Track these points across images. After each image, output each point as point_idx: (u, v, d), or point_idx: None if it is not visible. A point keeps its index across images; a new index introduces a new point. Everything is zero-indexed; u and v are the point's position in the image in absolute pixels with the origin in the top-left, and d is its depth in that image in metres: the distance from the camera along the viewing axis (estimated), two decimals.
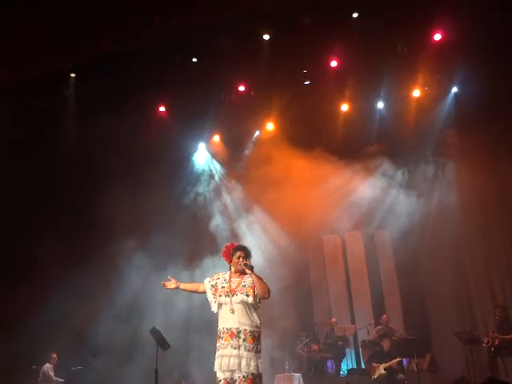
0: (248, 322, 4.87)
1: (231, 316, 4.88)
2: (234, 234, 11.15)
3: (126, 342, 10.02)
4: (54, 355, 9.99)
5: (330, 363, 11.06)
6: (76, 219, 11.00)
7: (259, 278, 4.91)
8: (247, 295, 4.90)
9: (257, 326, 4.91)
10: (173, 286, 5.21)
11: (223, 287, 5.01)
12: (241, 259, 5.02)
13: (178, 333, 9.76)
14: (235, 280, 5.04)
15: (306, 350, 10.82)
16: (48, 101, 10.81)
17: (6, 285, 10.02)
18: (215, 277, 5.17)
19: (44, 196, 10.90)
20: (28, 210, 10.87)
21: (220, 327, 4.95)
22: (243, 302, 4.89)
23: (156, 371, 7.20)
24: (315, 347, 10.97)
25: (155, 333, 7.71)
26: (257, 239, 11.10)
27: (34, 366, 9.94)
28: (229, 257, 5.16)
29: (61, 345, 9.95)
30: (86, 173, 11.04)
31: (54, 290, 9.73)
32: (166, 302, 10.22)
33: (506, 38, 9.01)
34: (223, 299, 4.96)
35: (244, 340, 4.81)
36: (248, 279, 4.99)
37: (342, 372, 10.86)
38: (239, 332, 4.83)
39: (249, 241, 11.02)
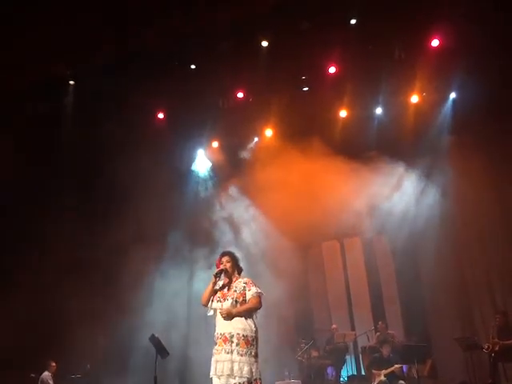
0: (241, 326, 4.90)
1: (224, 321, 4.93)
2: (232, 241, 11.16)
3: (125, 349, 9.99)
4: (53, 363, 9.92)
5: (329, 370, 11.03)
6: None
7: (240, 309, 4.95)
8: (236, 301, 4.98)
9: (251, 331, 4.92)
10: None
11: (216, 292, 5.12)
12: (224, 263, 5.17)
13: (178, 339, 9.76)
14: (228, 285, 5.15)
15: (305, 356, 10.77)
16: (46, 107, 10.81)
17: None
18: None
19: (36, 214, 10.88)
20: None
21: (215, 333, 5.00)
22: (233, 307, 4.95)
23: (155, 378, 7.17)
24: (315, 354, 10.94)
25: (154, 340, 7.67)
26: (256, 245, 11.11)
27: (32, 375, 9.86)
28: (219, 265, 5.27)
29: (60, 352, 9.92)
30: (84, 180, 11.03)
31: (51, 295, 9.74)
32: (168, 307, 10.22)
33: (504, 42, 9.03)
34: (215, 304, 5.07)
35: (237, 344, 4.82)
36: (240, 285, 5.10)
37: (341, 379, 10.83)
38: (232, 336, 4.86)
39: (248, 247, 11.06)
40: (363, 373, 10.92)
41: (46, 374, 9.82)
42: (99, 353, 9.94)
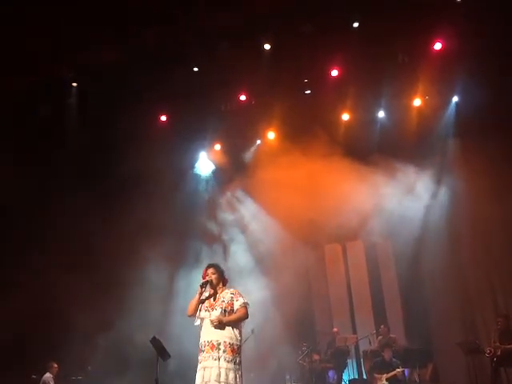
0: (228, 334, 5.07)
1: (211, 329, 5.07)
2: (234, 243, 11.16)
3: (125, 349, 9.96)
4: (55, 365, 9.88)
5: (331, 373, 10.99)
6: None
7: (230, 318, 5.09)
8: (225, 311, 5.13)
9: (236, 340, 5.10)
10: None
11: (203, 302, 5.26)
12: (209, 275, 5.29)
13: (180, 340, 9.72)
14: (214, 296, 5.29)
15: (307, 360, 10.71)
16: (49, 109, 10.83)
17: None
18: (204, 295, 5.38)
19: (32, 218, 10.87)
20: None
21: (201, 340, 5.13)
22: (222, 316, 5.09)
23: (156, 381, 7.15)
24: (316, 357, 10.88)
25: (155, 342, 7.64)
26: (258, 248, 11.10)
27: (33, 376, 9.83)
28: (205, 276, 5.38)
29: (60, 353, 9.89)
30: (85, 180, 11.03)
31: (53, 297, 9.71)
32: (169, 307, 10.18)
33: (504, 42, 9.03)
34: (203, 314, 5.21)
35: (224, 351, 4.98)
36: (227, 295, 5.25)
37: (343, 382, 10.76)
38: (219, 344, 5.01)
39: (250, 250, 11.05)
40: (365, 377, 10.88)
41: (48, 376, 9.75)
42: (100, 353, 9.92)
